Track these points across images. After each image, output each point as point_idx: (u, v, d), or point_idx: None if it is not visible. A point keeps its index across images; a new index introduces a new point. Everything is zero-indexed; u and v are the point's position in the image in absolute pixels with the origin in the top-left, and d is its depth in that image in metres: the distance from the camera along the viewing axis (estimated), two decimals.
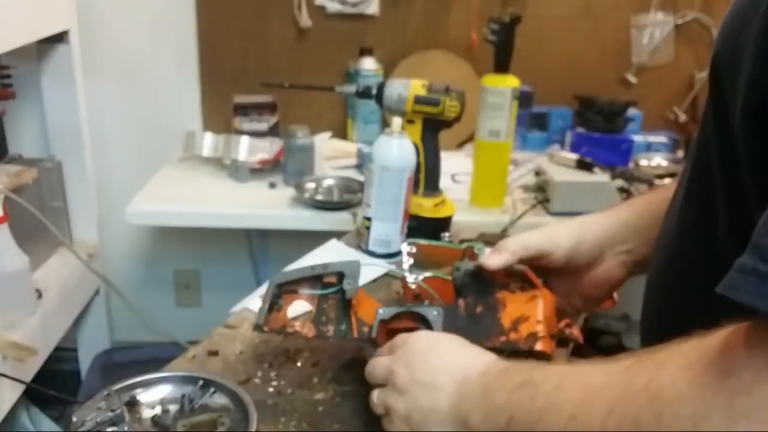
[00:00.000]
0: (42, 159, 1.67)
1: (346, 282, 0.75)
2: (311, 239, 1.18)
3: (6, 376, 1.26)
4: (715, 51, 0.54)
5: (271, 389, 0.76)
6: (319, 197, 1.57)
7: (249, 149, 1.70)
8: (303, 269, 0.79)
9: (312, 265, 0.79)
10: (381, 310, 0.74)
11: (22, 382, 1.30)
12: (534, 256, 0.74)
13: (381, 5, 1.89)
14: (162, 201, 1.61)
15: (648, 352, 0.47)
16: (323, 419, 0.72)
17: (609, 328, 1.91)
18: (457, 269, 0.72)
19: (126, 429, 0.62)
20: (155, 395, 0.69)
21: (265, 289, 0.78)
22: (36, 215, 1.43)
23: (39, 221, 1.45)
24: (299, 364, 0.81)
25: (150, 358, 1.83)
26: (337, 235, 1.20)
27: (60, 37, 1.63)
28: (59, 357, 1.72)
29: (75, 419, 0.62)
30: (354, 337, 0.75)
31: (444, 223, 1.19)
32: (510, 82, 1.43)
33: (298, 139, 1.64)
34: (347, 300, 0.76)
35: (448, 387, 0.59)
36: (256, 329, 0.77)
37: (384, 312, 0.74)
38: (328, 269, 0.77)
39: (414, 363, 0.63)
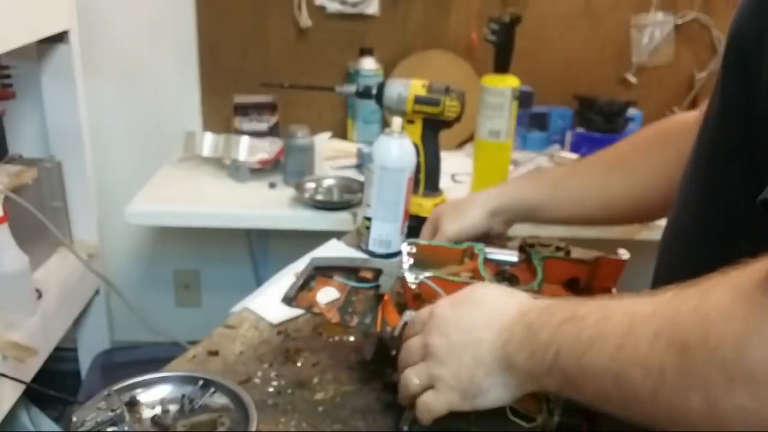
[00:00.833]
0: (42, 159, 1.67)
1: (383, 278, 0.77)
2: (311, 239, 1.18)
3: (6, 376, 1.26)
4: (734, 30, 0.54)
5: (271, 389, 0.76)
6: (319, 197, 1.57)
7: (249, 149, 1.70)
8: (343, 258, 0.81)
9: (353, 257, 0.81)
10: (409, 312, 0.74)
11: (22, 382, 1.30)
12: None
13: (381, 5, 1.89)
14: (162, 201, 1.61)
15: (693, 281, 0.47)
16: (323, 419, 0.72)
17: None
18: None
19: (126, 429, 0.62)
20: (155, 395, 0.69)
21: (302, 268, 0.79)
22: (36, 215, 1.43)
23: (39, 221, 1.45)
24: (299, 364, 0.81)
25: (150, 358, 1.83)
26: (337, 235, 1.20)
27: (60, 37, 1.63)
28: (59, 357, 1.72)
29: (75, 419, 0.62)
30: (377, 332, 0.75)
31: None
32: (510, 82, 1.42)
33: (298, 139, 1.64)
34: (378, 295, 0.77)
35: (488, 337, 0.59)
36: (284, 302, 0.77)
37: (411, 315, 0.74)
38: (367, 263, 0.79)
39: (448, 329, 0.62)
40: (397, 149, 1.08)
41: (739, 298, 0.42)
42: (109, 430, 0.62)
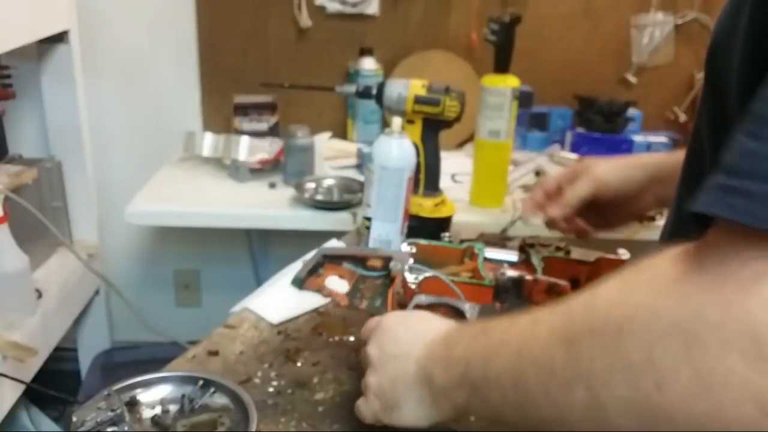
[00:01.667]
0: (42, 159, 1.67)
1: (393, 263, 0.77)
2: (311, 239, 1.18)
3: (6, 376, 1.26)
4: (712, 42, 0.55)
5: (271, 389, 0.76)
6: (319, 197, 1.57)
7: (249, 149, 1.70)
8: (352, 247, 0.81)
9: (362, 246, 0.81)
10: (419, 296, 0.75)
11: (22, 382, 1.30)
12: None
13: (381, 5, 1.89)
14: (162, 201, 1.61)
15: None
16: (323, 419, 0.72)
17: None
18: (502, 274, 0.74)
19: (126, 429, 0.62)
20: (155, 395, 0.69)
21: (311, 255, 0.80)
22: (36, 215, 1.43)
23: (39, 221, 1.45)
24: (299, 364, 0.81)
25: (150, 358, 1.83)
26: (337, 235, 1.20)
27: (60, 37, 1.63)
28: (59, 357, 1.72)
29: (75, 419, 0.62)
30: (387, 311, 0.76)
31: (444, 223, 1.19)
32: (510, 82, 1.42)
33: (298, 139, 1.64)
34: (389, 279, 0.78)
35: (415, 352, 0.60)
36: (294, 283, 0.78)
37: (422, 299, 0.75)
38: (377, 252, 0.80)
39: (384, 339, 0.64)
40: (397, 149, 1.08)
41: (622, 287, 0.43)
42: (109, 430, 0.62)
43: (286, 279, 0.92)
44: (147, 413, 0.67)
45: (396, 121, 1.10)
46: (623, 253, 0.89)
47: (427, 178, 1.19)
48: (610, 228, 0.92)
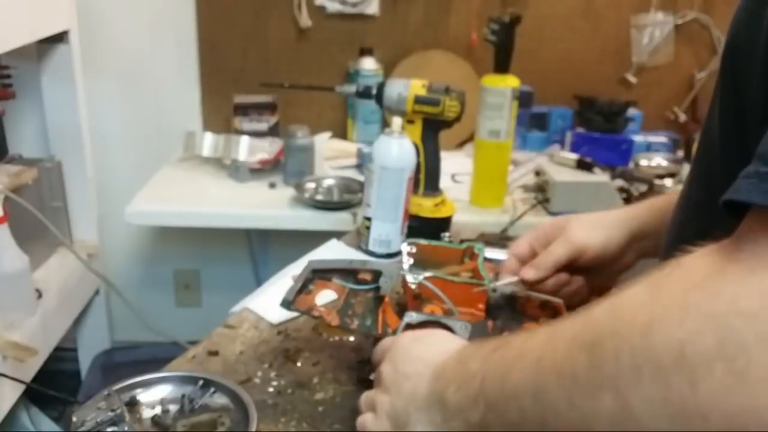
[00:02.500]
0: (42, 159, 1.67)
1: (383, 280, 0.76)
2: (311, 239, 1.18)
3: (6, 376, 1.26)
4: (728, 40, 0.54)
5: (271, 389, 0.76)
6: (319, 197, 1.57)
7: (249, 149, 1.70)
8: (341, 261, 0.80)
9: (351, 259, 0.81)
10: (410, 314, 0.74)
11: (22, 382, 1.30)
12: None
13: (381, 5, 1.89)
14: (162, 201, 1.61)
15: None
16: (323, 419, 0.72)
17: None
18: (494, 290, 0.73)
19: (126, 429, 0.62)
20: (155, 395, 0.69)
21: (300, 271, 0.79)
22: (36, 215, 1.43)
23: (39, 221, 1.45)
24: (299, 364, 0.81)
25: (150, 358, 1.83)
26: (337, 235, 1.20)
27: (60, 37, 1.63)
28: (59, 357, 1.72)
29: (75, 419, 0.62)
30: (378, 334, 0.76)
31: (444, 223, 1.19)
32: (510, 82, 1.42)
33: (298, 139, 1.64)
34: (378, 297, 0.77)
35: (427, 372, 0.59)
36: (283, 305, 0.77)
37: (412, 317, 0.74)
38: (366, 266, 0.78)
39: (397, 358, 0.63)
40: (397, 149, 1.08)
41: (648, 288, 0.41)
42: (109, 430, 0.62)
43: (286, 279, 0.92)
44: (147, 413, 0.67)
45: (396, 121, 1.10)
46: None
47: (427, 178, 1.19)
48: (588, 290, 0.85)
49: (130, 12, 1.89)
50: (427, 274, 0.84)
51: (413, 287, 0.84)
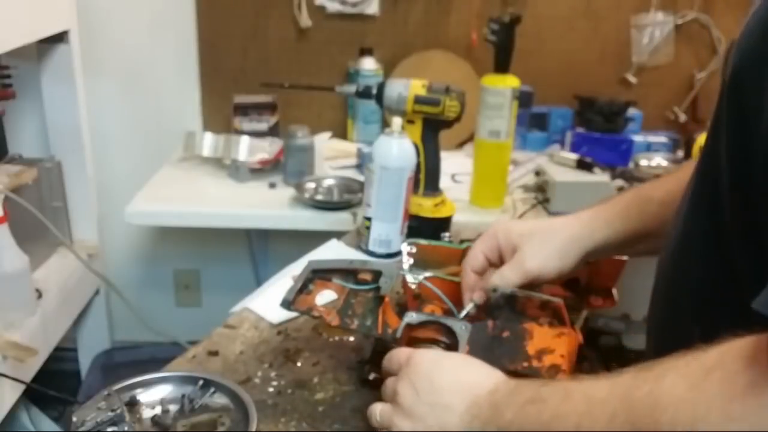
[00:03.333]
0: (42, 159, 1.67)
1: (383, 280, 0.77)
2: (311, 239, 1.18)
3: (6, 376, 1.26)
4: (735, 65, 0.53)
5: (271, 389, 0.76)
6: (319, 197, 1.57)
7: (249, 149, 1.70)
8: (341, 261, 0.80)
9: (351, 259, 0.81)
10: (410, 314, 0.74)
11: (22, 382, 1.30)
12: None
13: (381, 5, 1.89)
14: (162, 201, 1.61)
15: (648, 365, 0.49)
16: (323, 419, 0.72)
17: (609, 328, 1.90)
18: (494, 290, 0.73)
19: (126, 429, 0.62)
20: (155, 395, 0.69)
21: (300, 271, 0.79)
22: (36, 215, 1.43)
23: (39, 221, 1.45)
24: (299, 364, 0.81)
25: (150, 358, 1.83)
26: (337, 235, 1.20)
27: (60, 37, 1.63)
28: (59, 357, 1.72)
29: (75, 419, 0.62)
30: (378, 334, 0.76)
31: (444, 223, 1.19)
32: (510, 82, 1.42)
33: (298, 139, 1.64)
34: (379, 297, 0.77)
35: (458, 407, 0.59)
36: (283, 305, 0.77)
37: (413, 317, 0.74)
38: (366, 266, 0.78)
39: (419, 383, 0.62)
40: (397, 149, 1.08)
41: (690, 386, 0.44)
42: (109, 430, 0.62)
43: (286, 279, 0.92)
44: (147, 413, 0.67)
45: (396, 121, 1.10)
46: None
47: (427, 178, 1.19)
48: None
49: (129, 12, 1.89)
50: (427, 274, 0.84)
51: (413, 287, 0.84)
